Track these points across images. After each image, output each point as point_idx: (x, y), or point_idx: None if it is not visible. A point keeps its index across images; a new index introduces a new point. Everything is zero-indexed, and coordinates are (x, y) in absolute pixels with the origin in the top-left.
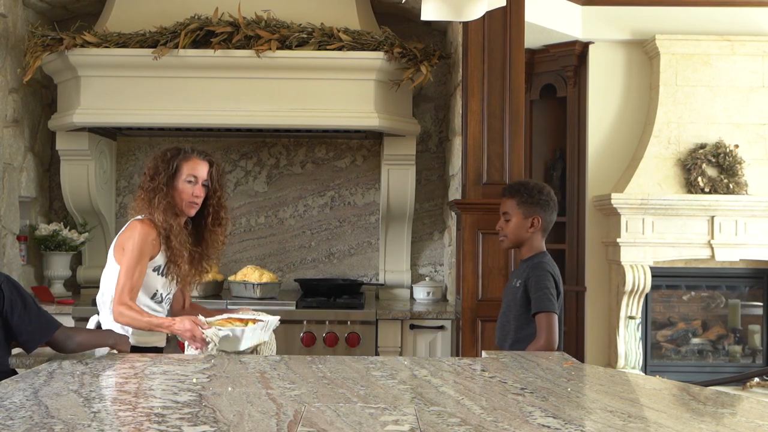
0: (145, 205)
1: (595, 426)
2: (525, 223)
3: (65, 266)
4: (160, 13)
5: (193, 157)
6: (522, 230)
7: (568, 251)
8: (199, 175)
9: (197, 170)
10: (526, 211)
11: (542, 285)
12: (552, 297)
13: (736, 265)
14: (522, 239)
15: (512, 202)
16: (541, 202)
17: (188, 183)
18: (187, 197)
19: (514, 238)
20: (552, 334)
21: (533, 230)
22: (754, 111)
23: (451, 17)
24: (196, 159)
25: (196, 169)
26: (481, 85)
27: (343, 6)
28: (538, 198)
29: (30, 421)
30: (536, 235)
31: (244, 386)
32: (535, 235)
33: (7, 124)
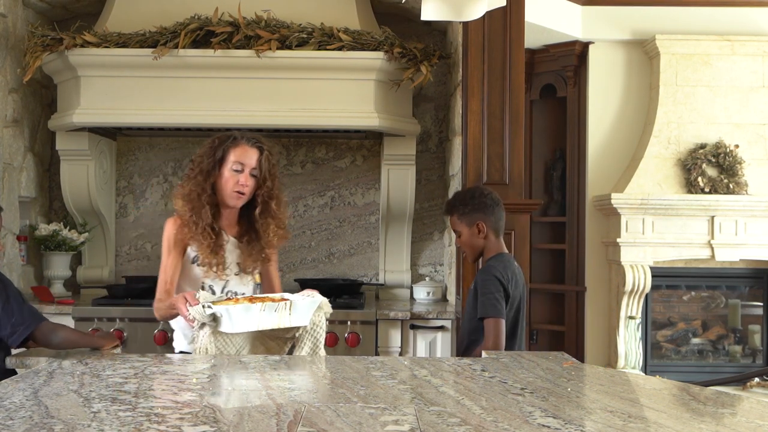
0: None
1: (595, 426)
2: (472, 232)
3: (65, 266)
4: (160, 13)
5: (241, 144)
6: (474, 240)
7: (568, 251)
8: (246, 162)
9: (245, 157)
10: (468, 221)
11: (486, 290)
12: (496, 302)
13: (736, 265)
14: (478, 247)
15: (454, 219)
16: (477, 206)
17: (234, 171)
18: (232, 186)
19: (471, 251)
20: (496, 339)
21: (483, 235)
22: (754, 111)
23: (451, 17)
24: (245, 145)
25: (243, 156)
26: (481, 85)
27: (343, 6)
28: (473, 204)
29: (30, 421)
30: (490, 239)
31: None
32: (489, 238)
33: (7, 124)
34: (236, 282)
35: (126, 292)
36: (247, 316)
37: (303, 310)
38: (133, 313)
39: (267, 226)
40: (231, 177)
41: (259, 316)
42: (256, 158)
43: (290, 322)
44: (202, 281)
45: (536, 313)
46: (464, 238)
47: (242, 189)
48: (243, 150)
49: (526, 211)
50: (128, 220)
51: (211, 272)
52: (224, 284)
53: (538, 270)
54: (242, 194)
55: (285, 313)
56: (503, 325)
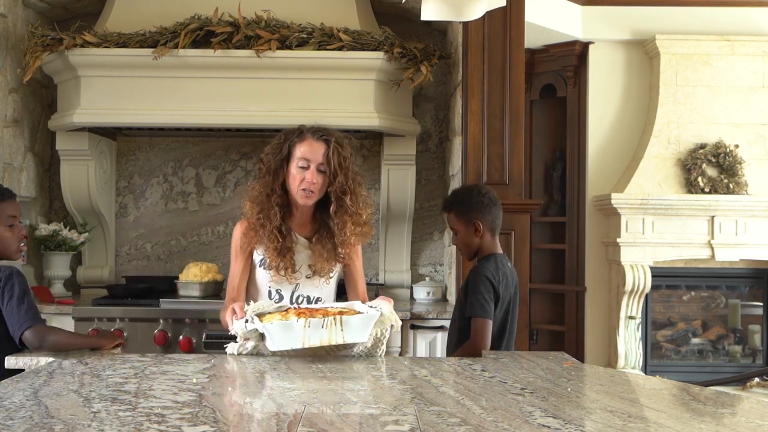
0: (246, 192)
1: (595, 426)
2: (469, 230)
3: (65, 266)
4: (160, 13)
5: (307, 138)
6: (470, 239)
7: (568, 251)
8: (312, 158)
9: (310, 153)
10: (467, 220)
11: (476, 290)
12: (485, 302)
13: (736, 265)
14: (473, 246)
15: (452, 217)
16: (475, 205)
17: (301, 168)
18: (299, 184)
19: (466, 249)
20: (481, 339)
21: (479, 234)
22: (754, 111)
23: (451, 17)
24: (310, 140)
25: (309, 151)
26: (481, 85)
27: (343, 6)
28: (470, 203)
29: (30, 421)
30: (486, 238)
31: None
32: (485, 238)
33: (7, 124)
34: (308, 285)
35: (126, 292)
36: (290, 334)
37: (358, 325)
38: (133, 313)
39: (343, 224)
40: (298, 174)
41: (303, 333)
42: (322, 152)
43: (344, 338)
44: (269, 287)
45: (536, 313)
46: (461, 237)
47: (310, 187)
48: (308, 145)
49: (526, 211)
50: (128, 220)
51: (279, 276)
52: (294, 288)
53: (538, 270)
54: (311, 192)
55: (335, 330)
56: (490, 325)
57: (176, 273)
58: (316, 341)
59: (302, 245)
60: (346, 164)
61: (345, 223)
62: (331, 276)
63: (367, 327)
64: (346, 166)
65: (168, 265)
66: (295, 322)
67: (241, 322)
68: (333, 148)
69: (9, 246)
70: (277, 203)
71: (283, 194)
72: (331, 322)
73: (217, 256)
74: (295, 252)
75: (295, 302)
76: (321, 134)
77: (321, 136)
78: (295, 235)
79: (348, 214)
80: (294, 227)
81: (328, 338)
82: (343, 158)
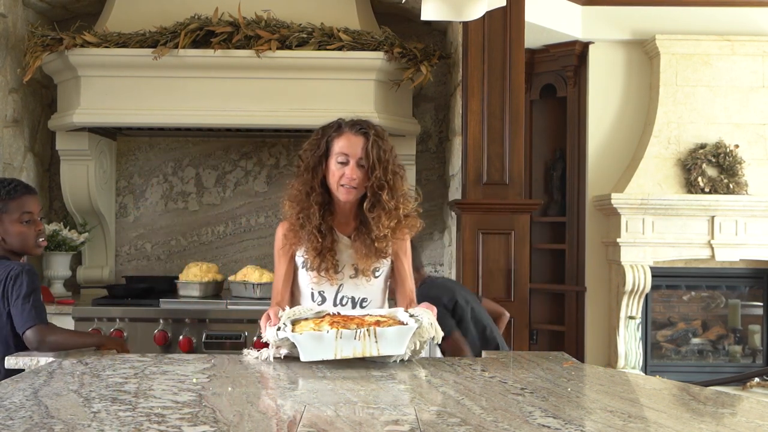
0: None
1: (595, 426)
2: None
3: (65, 266)
4: (160, 13)
5: (345, 132)
6: None
7: (568, 251)
8: (351, 152)
9: (349, 147)
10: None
11: None
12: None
13: (736, 265)
14: None
15: None
16: None
17: (340, 164)
18: (338, 180)
19: None
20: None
21: None
22: (754, 111)
23: (451, 17)
24: (349, 134)
25: (347, 146)
26: (481, 85)
27: (343, 6)
28: None
29: (30, 421)
30: None
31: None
32: None
33: (7, 124)
34: (352, 286)
35: (126, 292)
36: (321, 345)
37: (393, 338)
38: (133, 313)
39: (378, 218)
40: (337, 171)
41: (335, 344)
42: (361, 147)
43: (378, 351)
44: (311, 288)
45: (536, 313)
46: None
47: (350, 183)
48: (347, 139)
49: (526, 211)
50: (128, 220)
51: (320, 278)
52: (337, 289)
53: (538, 270)
54: (352, 188)
55: (369, 341)
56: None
57: (176, 273)
58: (349, 353)
59: (344, 244)
60: (386, 157)
61: (380, 217)
62: (377, 275)
63: (404, 339)
64: (385, 159)
65: (168, 265)
66: (326, 333)
67: (273, 329)
68: (372, 141)
69: (27, 241)
70: (316, 201)
71: (323, 192)
72: (365, 333)
73: (217, 256)
74: (337, 251)
75: (338, 304)
76: (360, 127)
77: (360, 129)
78: (337, 234)
79: (384, 209)
80: (336, 225)
81: (362, 350)
82: (383, 151)
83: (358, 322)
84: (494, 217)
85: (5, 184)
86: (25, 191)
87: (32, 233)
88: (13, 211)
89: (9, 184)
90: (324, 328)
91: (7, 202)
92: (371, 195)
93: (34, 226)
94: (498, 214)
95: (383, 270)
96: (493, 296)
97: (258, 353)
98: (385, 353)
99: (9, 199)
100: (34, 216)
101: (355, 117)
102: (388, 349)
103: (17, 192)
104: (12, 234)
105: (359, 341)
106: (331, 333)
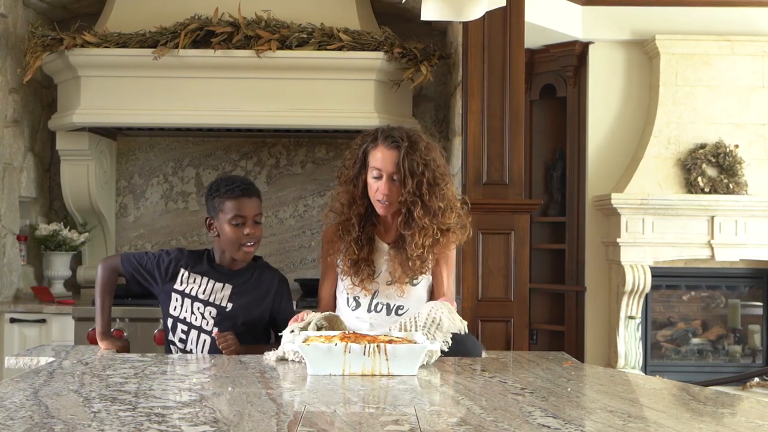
0: (331, 198)
1: (595, 426)
2: None
3: (65, 266)
4: (160, 13)
5: (379, 145)
6: None
7: (568, 251)
8: (383, 168)
9: (382, 162)
10: None
11: None
12: None
13: (736, 265)
14: None
15: None
16: None
17: (374, 179)
18: (374, 194)
19: None
20: None
21: None
22: (754, 111)
23: (451, 17)
24: (382, 147)
25: (380, 160)
26: (481, 85)
27: (343, 6)
28: None
29: (30, 421)
30: None
31: (244, 386)
32: None
33: (7, 124)
34: (388, 293)
35: (126, 292)
36: (330, 360)
37: (404, 356)
38: (133, 313)
39: (412, 237)
40: (373, 184)
41: (343, 359)
42: (393, 161)
43: (389, 369)
44: (346, 294)
45: (536, 313)
46: None
47: (383, 198)
48: (380, 152)
49: (526, 211)
50: (128, 220)
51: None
52: (372, 296)
53: (538, 270)
54: (387, 204)
55: (380, 359)
56: None
57: None
58: (358, 369)
59: (384, 252)
60: (419, 170)
61: (414, 236)
62: (415, 283)
63: (417, 359)
64: (419, 172)
65: None
66: (335, 345)
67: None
68: (404, 154)
69: (232, 243)
70: (357, 213)
71: (364, 202)
72: (375, 349)
73: None
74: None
75: (373, 310)
76: (392, 140)
77: (392, 142)
78: (379, 242)
79: (418, 226)
80: (378, 233)
81: (371, 368)
82: (416, 163)
83: (369, 339)
84: (494, 217)
85: (230, 182)
86: (242, 193)
87: (241, 235)
88: (227, 211)
89: (232, 183)
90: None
91: (224, 201)
92: (405, 210)
93: (243, 229)
94: (498, 214)
95: (423, 279)
96: (493, 296)
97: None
98: (398, 373)
99: (227, 199)
100: (247, 219)
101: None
102: (399, 369)
103: (234, 193)
104: (224, 233)
105: (369, 357)
106: (339, 346)
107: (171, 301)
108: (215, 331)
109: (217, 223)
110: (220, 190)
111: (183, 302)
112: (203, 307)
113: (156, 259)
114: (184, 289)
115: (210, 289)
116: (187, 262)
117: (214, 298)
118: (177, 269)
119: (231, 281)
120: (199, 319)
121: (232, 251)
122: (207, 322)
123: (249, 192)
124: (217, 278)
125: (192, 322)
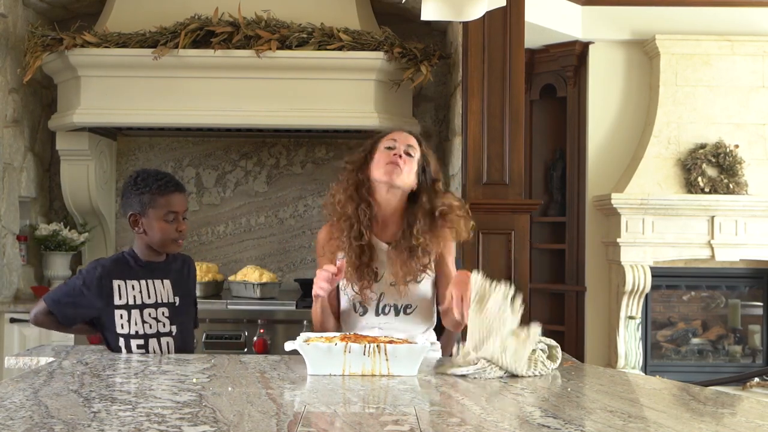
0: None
1: (595, 426)
2: None
3: (65, 266)
4: (160, 13)
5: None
6: None
7: (568, 251)
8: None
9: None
10: None
11: None
12: None
13: (736, 265)
14: None
15: None
16: None
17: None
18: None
19: None
20: None
21: None
22: (754, 111)
23: (451, 17)
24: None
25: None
26: (481, 85)
27: (343, 6)
28: None
29: (30, 421)
30: None
31: (244, 386)
32: None
33: (7, 124)
34: (394, 294)
35: None
36: (329, 359)
37: (404, 356)
38: None
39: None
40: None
41: (343, 358)
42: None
43: (389, 369)
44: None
45: (536, 313)
46: None
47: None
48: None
49: (526, 211)
50: None
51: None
52: (379, 298)
53: (538, 270)
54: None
55: (379, 359)
56: None
57: None
58: (358, 369)
59: (382, 251)
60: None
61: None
62: (419, 280)
63: (416, 359)
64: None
65: None
66: (335, 345)
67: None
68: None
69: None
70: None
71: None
72: (374, 349)
73: (217, 256)
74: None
75: (381, 313)
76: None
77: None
78: (376, 241)
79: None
80: (376, 233)
81: (371, 368)
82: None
83: (370, 340)
84: (494, 217)
85: (158, 177)
86: (175, 189)
87: (173, 231)
88: (160, 207)
89: (162, 179)
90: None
91: (156, 197)
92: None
93: (177, 225)
94: (498, 214)
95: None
96: None
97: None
98: (396, 373)
99: (159, 195)
100: (178, 215)
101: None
102: (398, 369)
103: (167, 189)
104: (154, 229)
105: (369, 357)
106: (339, 346)
107: (114, 319)
108: None
109: (145, 220)
110: (150, 186)
111: (130, 316)
112: (155, 311)
113: (81, 282)
114: (126, 302)
115: (153, 289)
116: (116, 273)
117: (161, 297)
118: (110, 283)
119: (167, 275)
120: (154, 325)
121: (164, 246)
122: (163, 324)
123: (180, 187)
124: (154, 276)
125: (147, 331)
